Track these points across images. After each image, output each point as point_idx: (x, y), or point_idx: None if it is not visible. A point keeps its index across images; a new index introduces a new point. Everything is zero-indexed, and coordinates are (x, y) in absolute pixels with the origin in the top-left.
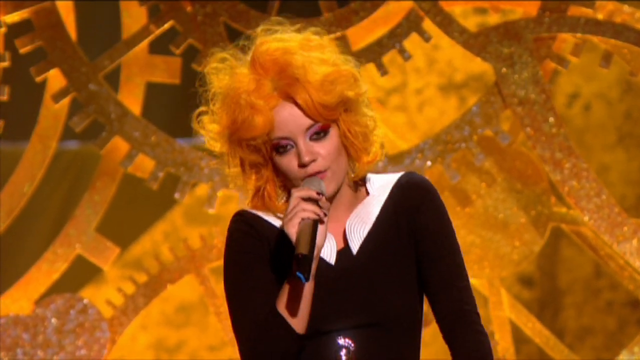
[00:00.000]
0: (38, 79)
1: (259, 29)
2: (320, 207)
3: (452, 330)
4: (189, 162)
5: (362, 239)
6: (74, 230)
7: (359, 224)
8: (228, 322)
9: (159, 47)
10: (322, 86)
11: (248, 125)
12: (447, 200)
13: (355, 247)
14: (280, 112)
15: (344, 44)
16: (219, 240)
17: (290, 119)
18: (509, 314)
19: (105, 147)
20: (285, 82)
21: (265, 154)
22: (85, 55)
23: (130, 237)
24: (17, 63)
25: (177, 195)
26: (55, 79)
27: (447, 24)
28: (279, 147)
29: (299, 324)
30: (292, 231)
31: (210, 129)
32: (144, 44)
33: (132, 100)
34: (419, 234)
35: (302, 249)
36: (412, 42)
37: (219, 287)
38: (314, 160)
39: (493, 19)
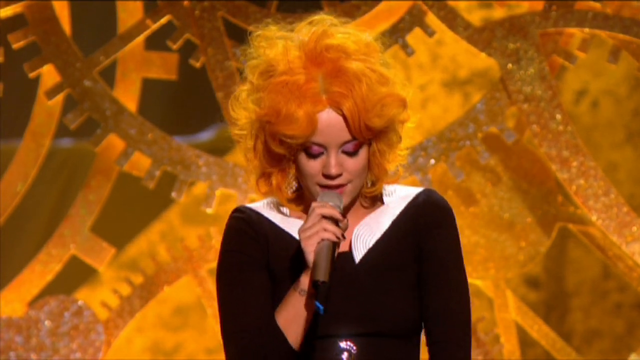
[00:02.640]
0: (31, 75)
1: (317, 18)
2: (340, 228)
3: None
4: (186, 161)
5: (368, 248)
6: (68, 231)
7: (367, 232)
8: None
9: (156, 42)
10: (374, 108)
11: (289, 123)
12: (451, 199)
13: (358, 255)
14: (323, 118)
15: None
16: (217, 240)
17: (331, 129)
18: (515, 316)
19: (100, 145)
20: (337, 90)
21: (293, 150)
22: (79, 50)
23: (126, 237)
24: (10, 59)
25: (174, 195)
26: (49, 75)
27: (451, 18)
28: (310, 150)
29: (296, 339)
30: (310, 250)
31: (248, 106)
32: (140, 39)
33: (128, 96)
34: (425, 254)
35: (322, 276)
36: (415, 37)
37: None
38: (340, 175)
39: (498, 13)
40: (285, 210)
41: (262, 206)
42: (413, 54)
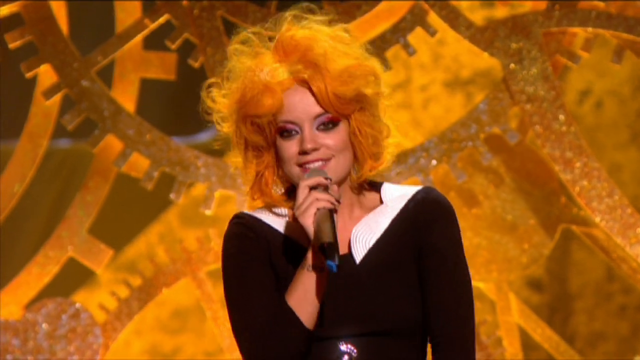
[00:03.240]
0: (28, 75)
1: (288, 14)
2: (331, 195)
3: (442, 357)
4: (185, 161)
5: (368, 248)
6: (66, 232)
7: (367, 232)
8: (225, 328)
9: (154, 42)
10: (340, 76)
11: (256, 102)
12: (454, 201)
13: (359, 256)
14: (291, 96)
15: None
16: (216, 242)
17: (300, 104)
18: (518, 319)
19: (98, 146)
20: (303, 66)
21: (269, 136)
22: (77, 50)
23: (124, 239)
24: (7, 58)
25: (172, 196)
26: (46, 75)
27: (453, 17)
28: (284, 131)
29: (309, 320)
30: (309, 222)
31: (219, 102)
32: (138, 38)
33: (126, 97)
34: (425, 250)
35: (327, 238)
36: (416, 37)
37: (216, 291)
38: (315, 149)
39: (501, 12)
40: (283, 215)
41: (260, 212)
42: (414, 54)
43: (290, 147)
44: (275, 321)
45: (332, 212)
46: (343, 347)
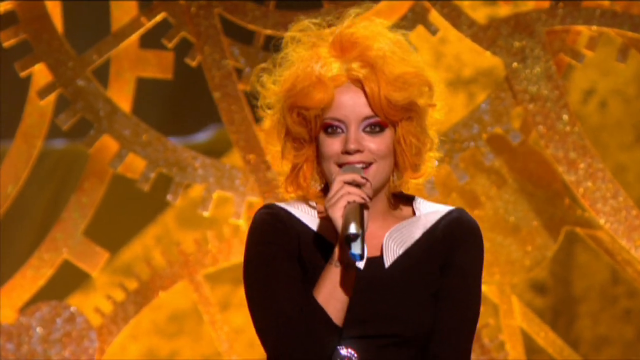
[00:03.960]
0: (23, 74)
1: (352, 11)
2: (364, 192)
3: None
4: (182, 162)
5: (399, 254)
6: (61, 234)
7: (399, 240)
8: (223, 332)
9: (151, 40)
10: (395, 82)
11: (306, 94)
12: (455, 202)
13: (389, 260)
14: (342, 93)
15: None
16: (214, 244)
17: (350, 103)
18: (521, 323)
19: (93, 146)
20: (360, 65)
21: (313, 130)
22: (72, 49)
23: (120, 241)
24: (1, 57)
25: (169, 197)
26: (40, 74)
27: (455, 16)
28: (329, 127)
29: (338, 316)
30: (338, 214)
31: (268, 88)
32: (135, 37)
33: (122, 96)
34: (446, 268)
35: (353, 229)
36: (418, 35)
37: (214, 294)
38: (359, 151)
39: (503, 10)
40: (313, 212)
41: (290, 206)
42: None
43: (332, 145)
44: (304, 316)
45: (362, 207)
46: (343, 351)
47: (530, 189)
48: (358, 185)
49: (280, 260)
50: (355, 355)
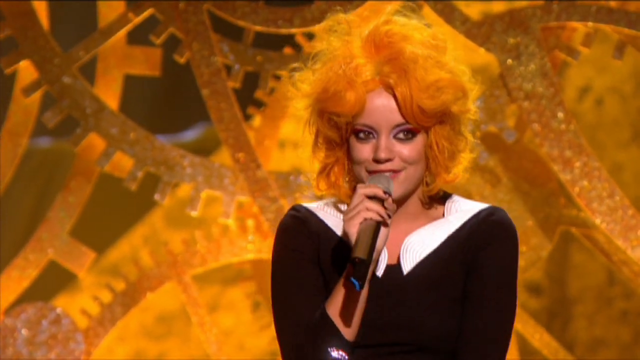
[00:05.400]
0: (8, 71)
1: (389, 8)
2: (385, 208)
3: None
4: (170, 161)
5: (418, 260)
6: (47, 234)
7: (419, 244)
8: (212, 333)
9: (138, 37)
10: (428, 89)
11: (338, 100)
12: None
13: (407, 267)
14: (374, 99)
15: None
16: (202, 244)
17: (381, 110)
18: (515, 324)
19: (80, 145)
20: (392, 70)
21: (344, 134)
22: (58, 45)
23: (107, 241)
24: None
25: (157, 197)
26: (26, 71)
27: (449, 12)
28: (360, 133)
29: (349, 330)
30: (352, 231)
31: (300, 87)
32: (122, 33)
33: (109, 94)
34: (473, 270)
35: (360, 253)
36: None
37: (202, 295)
38: (389, 160)
39: (498, 6)
40: (339, 214)
41: (317, 207)
42: None
43: (363, 150)
44: (316, 329)
45: (379, 225)
46: (334, 353)
47: (525, 188)
48: (380, 199)
49: (302, 268)
50: (347, 357)
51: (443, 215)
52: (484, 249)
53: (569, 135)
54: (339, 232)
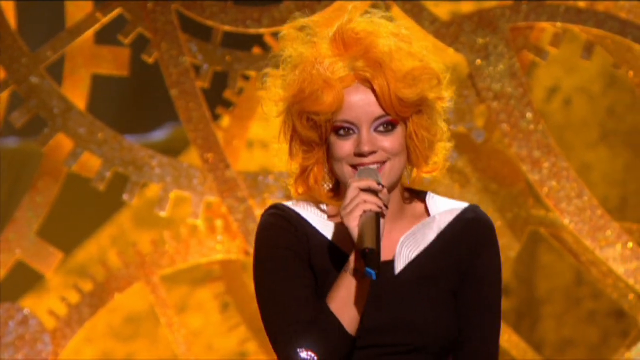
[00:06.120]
0: None
1: (350, 6)
2: (380, 199)
3: None
4: (139, 161)
5: (410, 259)
6: (14, 234)
7: (412, 244)
8: (180, 334)
9: (106, 36)
10: (404, 78)
11: (315, 98)
12: None
13: (399, 267)
14: (351, 94)
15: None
16: (171, 245)
17: (360, 104)
18: None
19: (47, 145)
20: (366, 64)
21: (323, 133)
22: (25, 45)
23: (74, 241)
24: None
25: (125, 197)
26: None
27: (417, 12)
28: (340, 130)
29: (351, 324)
30: (353, 224)
31: (274, 93)
32: (90, 33)
33: (77, 93)
34: (470, 273)
35: (369, 243)
36: None
37: (171, 296)
38: (373, 152)
39: (466, 6)
40: (320, 213)
41: (298, 206)
42: None
43: (344, 146)
44: (317, 323)
45: (378, 216)
46: (303, 354)
47: (494, 188)
48: (374, 191)
49: (291, 264)
50: (316, 358)
51: (427, 213)
52: (479, 257)
53: (538, 136)
54: (325, 233)
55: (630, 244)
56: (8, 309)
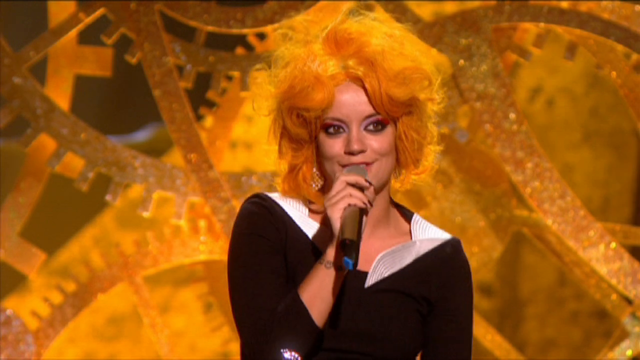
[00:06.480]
0: None
1: (344, 8)
2: (366, 195)
3: None
4: (122, 162)
5: (382, 278)
6: None
7: (389, 263)
8: (163, 335)
9: (89, 37)
10: (396, 78)
11: (306, 95)
12: (400, 202)
13: (371, 281)
14: (342, 92)
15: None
16: (154, 245)
17: (351, 102)
18: None
19: (30, 145)
20: (358, 62)
21: (313, 131)
22: (8, 45)
23: (57, 242)
24: None
25: (108, 197)
26: None
27: (400, 12)
28: (330, 128)
29: (320, 317)
30: (336, 215)
31: (265, 90)
32: (73, 33)
33: (60, 94)
34: (442, 310)
35: (350, 235)
36: None
37: (154, 297)
38: (362, 151)
39: (449, 7)
40: (304, 209)
41: (281, 200)
42: None
43: (334, 145)
44: (286, 313)
45: (362, 212)
46: (287, 354)
47: (477, 189)
48: (361, 188)
49: (266, 254)
50: (299, 359)
51: (410, 234)
52: (454, 294)
53: (521, 136)
54: (304, 229)
55: (613, 245)
56: None
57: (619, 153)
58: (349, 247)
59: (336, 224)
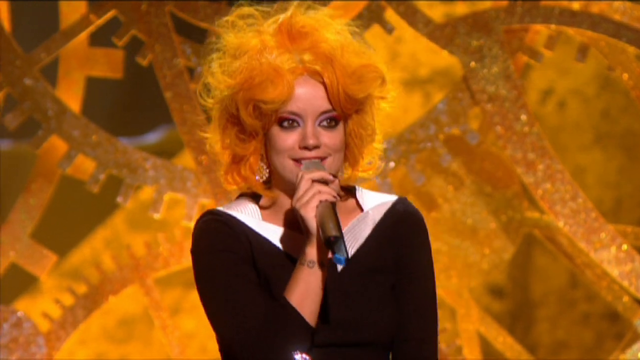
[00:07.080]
0: None
1: (294, 2)
2: (333, 189)
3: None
4: (133, 164)
5: (350, 255)
6: (7, 237)
7: (351, 240)
8: (173, 337)
9: (100, 38)
10: (354, 75)
11: (265, 87)
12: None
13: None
14: (299, 86)
15: None
16: (165, 247)
17: (308, 97)
18: (478, 327)
19: (41, 147)
20: (315, 58)
21: (267, 123)
22: (20, 47)
23: (68, 244)
24: None
25: (119, 199)
26: None
27: (411, 14)
28: (285, 121)
29: (312, 316)
30: (310, 215)
31: (219, 80)
32: (84, 35)
33: (71, 96)
34: (404, 267)
35: (333, 231)
36: (373, 35)
37: (165, 299)
38: (317, 147)
39: (461, 8)
40: (255, 213)
41: (232, 209)
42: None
43: (287, 139)
44: (277, 319)
45: (334, 205)
46: (297, 356)
47: (488, 191)
48: (326, 182)
49: (237, 265)
50: (308, 359)
51: (359, 207)
52: (410, 246)
53: (532, 138)
54: (262, 233)
55: (624, 247)
56: (2, 312)
57: (630, 155)
58: (336, 243)
59: (311, 223)
